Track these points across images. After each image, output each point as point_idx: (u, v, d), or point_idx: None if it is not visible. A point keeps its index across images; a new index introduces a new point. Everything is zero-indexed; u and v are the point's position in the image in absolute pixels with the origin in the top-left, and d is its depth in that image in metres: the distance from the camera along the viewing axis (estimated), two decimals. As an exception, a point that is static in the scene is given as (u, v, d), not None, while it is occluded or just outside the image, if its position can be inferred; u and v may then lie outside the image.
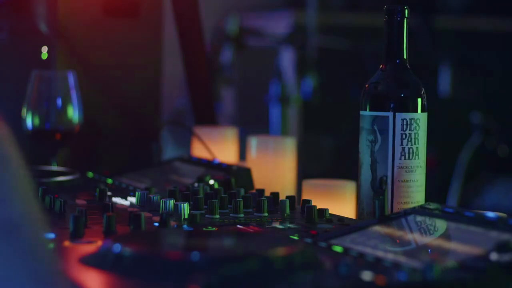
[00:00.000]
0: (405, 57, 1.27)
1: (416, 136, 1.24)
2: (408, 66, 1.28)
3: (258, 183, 1.53)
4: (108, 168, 1.69)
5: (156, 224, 1.16)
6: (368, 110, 1.26)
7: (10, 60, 1.86)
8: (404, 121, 1.24)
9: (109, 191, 1.41)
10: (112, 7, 1.84)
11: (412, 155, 1.25)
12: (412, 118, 1.25)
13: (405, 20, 1.27)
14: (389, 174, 1.24)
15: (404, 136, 1.25)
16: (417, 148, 1.25)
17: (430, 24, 3.57)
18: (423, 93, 1.27)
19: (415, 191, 1.25)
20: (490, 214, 1.01)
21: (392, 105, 1.25)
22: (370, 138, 1.26)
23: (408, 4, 1.30)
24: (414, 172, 1.25)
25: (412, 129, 1.25)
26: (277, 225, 1.18)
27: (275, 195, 1.34)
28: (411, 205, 1.23)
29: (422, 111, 1.26)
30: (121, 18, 1.86)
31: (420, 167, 1.25)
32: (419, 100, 1.26)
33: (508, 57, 3.81)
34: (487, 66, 3.78)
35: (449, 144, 3.48)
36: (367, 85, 1.28)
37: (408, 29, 1.27)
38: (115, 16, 1.85)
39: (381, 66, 1.28)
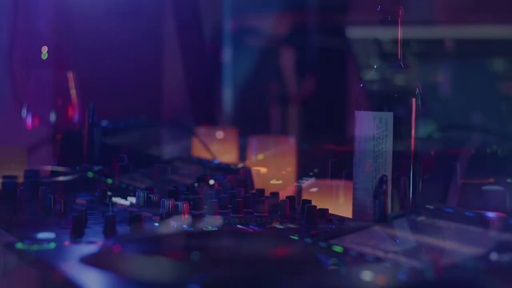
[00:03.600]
0: (399, 56, 1.27)
1: None
2: (403, 66, 1.27)
3: (258, 183, 1.53)
4: (108, 168, 1.69)
5: (156, 224, 1.16)
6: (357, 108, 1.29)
7: (10, 60, 1.86)
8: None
9: (109, 191, 1.41)
10: (112, 7, 1.84)
11: None
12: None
13: (398, 20, 1.27)
14: None
15: None
16: None
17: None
18: (418, 92, 1.26)
19: None
20: (490, 214, 1.01)
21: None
22: None
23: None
24: None
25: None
26: (277, 225, 1.18)
27: (275, 195, 1.34)
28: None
29: (413, 110, 1.26)
30: (121, 18, 1.86)
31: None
32: (412, 100, 1.26)
33: (508, 57, 3.81)
34: (487, 66, 3.77)
35: (449, 144, 3.47)
36: (361, 85, 1.28)
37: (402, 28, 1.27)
38: (115, 16, 1.85)
39: (374, 66, 1.28)
